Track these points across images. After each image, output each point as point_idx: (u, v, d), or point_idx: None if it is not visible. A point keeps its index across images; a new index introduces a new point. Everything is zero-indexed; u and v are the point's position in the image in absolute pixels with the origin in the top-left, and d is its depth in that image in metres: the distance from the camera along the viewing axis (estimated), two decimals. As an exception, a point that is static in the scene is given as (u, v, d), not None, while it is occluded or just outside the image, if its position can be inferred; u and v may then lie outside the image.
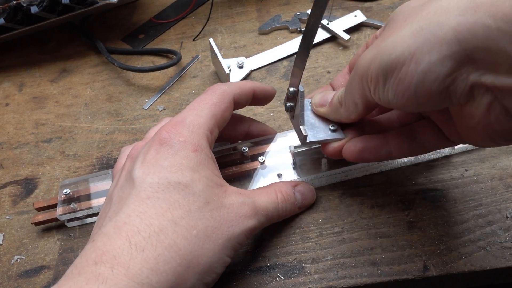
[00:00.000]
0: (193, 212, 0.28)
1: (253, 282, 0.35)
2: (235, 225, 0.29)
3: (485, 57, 0.22)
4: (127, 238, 0.25)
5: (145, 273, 0.24)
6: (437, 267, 0.34)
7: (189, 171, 0.29)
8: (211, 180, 0.30)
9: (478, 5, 0.22)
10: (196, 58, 0.54)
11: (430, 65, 0.23)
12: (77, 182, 0.41)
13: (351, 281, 0.34)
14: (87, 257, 0.25)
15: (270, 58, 0.52)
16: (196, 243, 0.27)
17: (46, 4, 0.49)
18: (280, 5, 0.59)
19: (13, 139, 0.49)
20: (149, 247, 0.25)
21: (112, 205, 0.29)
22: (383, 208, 0.38)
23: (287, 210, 0.35)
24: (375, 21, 0.54)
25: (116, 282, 0.24)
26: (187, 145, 0.30)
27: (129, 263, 0.24)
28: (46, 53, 0.58)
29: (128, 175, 0.30)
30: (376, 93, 0.27)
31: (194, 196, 0.28)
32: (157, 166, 0.29)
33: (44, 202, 0.40)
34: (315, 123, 0.37)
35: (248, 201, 0.31)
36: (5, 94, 0.54)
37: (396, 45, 0.25)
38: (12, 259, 0.39)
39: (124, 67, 0.51)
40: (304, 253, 0.36)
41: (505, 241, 0.35)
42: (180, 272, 0.26)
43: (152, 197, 0.28)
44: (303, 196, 0.37)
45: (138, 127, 0.48)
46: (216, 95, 0.34)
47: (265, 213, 0.32)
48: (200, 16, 0.60)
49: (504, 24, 0.21)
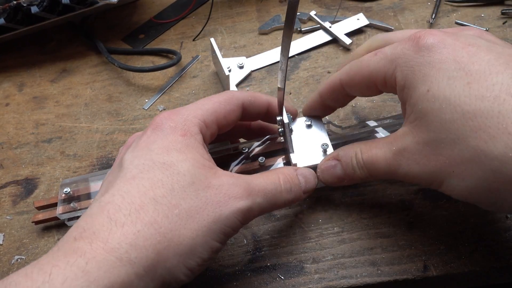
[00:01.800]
0: (176, 191, 0.27)
1: (253, 282, 0.35)
2: (223, 206, 0.28)
3: None
4: (108, 216, 0.25)
5: (124, 248, 0.24)
6: (437, 267, 0.34)
7: (175, 152, 0.29)
8: (198, 162, 0.29)
9: None
10: (196, 58, 0.54)
11: None
12: (78, 181, 0.41)
13: (351, 281, 0.34)
14: (68, 235, 0.25)
15: (270, 59, 0.52)
16: (177, 222, 0.26)
17: (46, 4, 0.49)
18: (280, 5, 0.59)
19: (13, 139, 0.49)
20: (128, 223, 0.25)
21: (101, 189, 0.30)
22: (383, 208, 0.38)
23: (292, 192, 0.33)
24: (375, 21, 0.54)
25: (95, 255, 0.23)
26: (177, 130, 0.30)
27: (108, 238, 0.24)
28: (46, 53, 0.58)
29: (119, 161, 0.31)
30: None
31: (179, 175, 0.28)
32: (146, 149, 0.29)
33: (44, 201, 0.40)
34: (307, 143, 0.38)
35: (241, 181, 0.30)
36: (5, 94, 0.54)
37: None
38: (12, 259, 0.39)
39: (124, 67, 0.51)
40: (304, 253, 0.36)
41: (505, 241, 0.35)
42: (160, 250, 0.25)
43: (137, 177, 0.28)
44: (306, 179, 0.35)
45: (138, 127, 0.48)
46: (224, 96, 0.34)
47: (262, 194, 0.30)
48: (200, 16, 0.60)
49: None
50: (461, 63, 0.27)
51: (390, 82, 0.31)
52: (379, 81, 0.32)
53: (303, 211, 0.39)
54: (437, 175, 0.28)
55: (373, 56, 0.32)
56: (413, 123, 0.29)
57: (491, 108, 0.25)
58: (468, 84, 0.26)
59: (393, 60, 0.30)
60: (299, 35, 0.55)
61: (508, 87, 0.25)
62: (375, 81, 0.32)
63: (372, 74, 0.32)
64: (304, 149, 0.38)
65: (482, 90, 0.26)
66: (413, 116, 0.29)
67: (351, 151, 0.33)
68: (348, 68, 0.34)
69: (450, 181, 0.28)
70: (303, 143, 0.38)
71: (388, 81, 0.31)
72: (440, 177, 0.28)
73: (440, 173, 0.28)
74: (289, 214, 0.39)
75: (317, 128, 0.39)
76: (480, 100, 0.26)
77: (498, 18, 0.53)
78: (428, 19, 0.54)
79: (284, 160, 0.39)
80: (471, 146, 0.26)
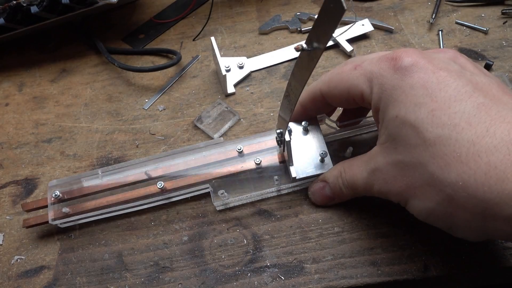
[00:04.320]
0: None
1: (253, 282, 0.35)
2: None
3: None
4: None
5: None
6: (437, 267, 0.34)
7: None
8: None
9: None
10: (196, 58, 0.54)
11: None
12: (67, 182, 0.40)
13: (352, 281, 0.34)
14: None
15: (271, 61, 0.52)
16: None
17: (46, 4, 0.49)
18: (280, 5, 0.59)
19: (13, 139, 0.49)
20: None
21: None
22: (383, 208, 0.38)
23: None
24: (376, 21, 0.54)
25: None
26: None
27: None
28: (46, 53, 0.58)
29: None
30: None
31: None
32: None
33: (33, 204, 0.40)
34: (305, 152, 0.39)
35: None
36: (5, 94, 0.54)
37: None
38: (12, 259, 0.39)
39: (124, 67, 0.51)
40: (304, 253, 0.36)
41: (505, 241, 0.35)
42: None
43: None
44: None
45: (138, 127, 0.48)
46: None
47: None
48: (200, 16, 0.60)
49: None
50: (429, 89, 0.28)
51: (368, 100, 0.32)
52: (357, 96, 0.33)
53: (303, 211, 0.39)
54: (403, 194, 0.30)
55: (353, 71, 0.33)
56: (384, 144, 0.31)
57: (450, 136, 0.27)
58: (432, 111, 0.28)
59: (370, 79, 0.32)
60: (299, 35, 0.55)
61: (468, 115, 0.27)
62: (353, 96, 0.34)
63: (351, 89, 0.33)
64: (303, 157, 0.39)
65: (444, 117, 0.27)
66: (384, 138, 0.31)
67: (336, 171, 0.36)
68: (328, 79, 0.35)
69: (413, 201, 0.30)
70: (302, 151, 0.39)
71: (366, 98, 0.33)
72: (405, 197, 0.30)
73: (405, 193, 0.30)
74: (289, 214, 0.39)
75: (314, 133, 0.40)
76: (441, 127, 0.27)
77: (498, 18, 0.53)
78: (428, 19, 0.54)
79: (280, 159, 0.40)
80: (429, 172, 0.27)
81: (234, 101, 0.49)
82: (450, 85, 0.28)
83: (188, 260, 0.37)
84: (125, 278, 0.37)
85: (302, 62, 0.28)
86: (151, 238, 0.39)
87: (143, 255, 0.38)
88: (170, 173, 0.40)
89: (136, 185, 0.40)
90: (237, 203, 0.40)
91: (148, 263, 0.37)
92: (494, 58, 0.48)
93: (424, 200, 0.28)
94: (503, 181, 0.24)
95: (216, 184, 0.39)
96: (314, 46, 0.25)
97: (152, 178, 0.40)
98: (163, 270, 0.37)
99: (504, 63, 0.48)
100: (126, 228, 0.40)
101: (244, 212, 0.39)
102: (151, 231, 0.39)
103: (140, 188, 0.40)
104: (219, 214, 0.39)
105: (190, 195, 0.40)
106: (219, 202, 0.39)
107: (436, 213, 0.28)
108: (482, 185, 0.25)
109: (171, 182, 0.40)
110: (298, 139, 0.40)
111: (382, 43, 0.52)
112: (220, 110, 0.47)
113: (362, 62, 0.33)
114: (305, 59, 0.27)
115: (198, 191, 0.40)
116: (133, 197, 0.39)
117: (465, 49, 0.50)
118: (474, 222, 0.27)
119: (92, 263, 0.38)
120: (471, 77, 0.29)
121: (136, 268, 0.37)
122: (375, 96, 0.31)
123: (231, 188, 0.39)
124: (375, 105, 0.32)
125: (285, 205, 0.39)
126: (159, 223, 0.40)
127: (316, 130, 0.40)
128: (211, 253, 0.37)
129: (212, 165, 0.41)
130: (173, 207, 0.41)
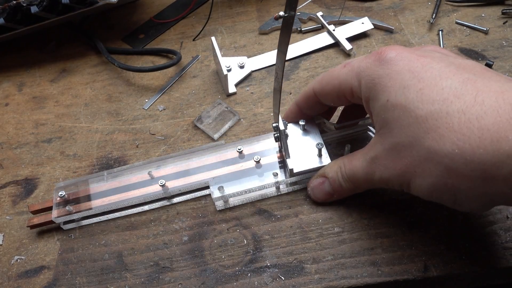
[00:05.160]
0: None
1: (253, 282, 0.35)
2: None
3: None
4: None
5: None
6: (438, 267, 0.34)
7: None
8: None
9: None
10: (196, 58, 0.54)
11: None
12: (73, 184, 0.41)
13: (352, 281, 0.34)
14: None
15: (271, 60, 0.52)
16: None
17: (46, 4, 0.49)
18: (280, 5, 0.59)
19: (13, 139, 0.49)
20: None
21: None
22: (383, 208, 0.38)
23: None
24: (376, 21, 0.54)
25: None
26: None
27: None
28: (46, 53, 0.58)
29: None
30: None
31: None
32: None
33: (39, 205, 0.40)
34: (303, 148, 0.40)
35: None
36: (5, 94, 0.54)
37: None
38: (12, 259, 0.39)
39: (124, 67, 0.51)
40: (304, 253, 0.36)
41: (505, 241, 0.35)
42: None
43: None
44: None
45: (138, 127, 0.48)
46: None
47: None
48: (200, 16, 0.60)
49: None
50: (414, 72, 0.30)
51: (357, 94, 0.34)
52: (347, 92, 0.35)
53: (303, 211, 0.39)
54: (404, 176, 0.30)
55: (342, 68, 0.35)
56: (379, 131, 0.32)
57: (440, 110, 0.27)
58: (421, 90, 0.29)
59: (358, 74, 0.33)
60: (299, 35, 0.55)
61: (455, 90, 0.28)
62: (343, 92, 0.35)
63: (341, 85, 0.35)
64: (300, 153, 0.39)
65: (432, 94, 0.28)
66: (378, 125, 0.32)
67: (336, 166, 0.36)
68: (320, 78, 0.37)
69: (415, 181, 0.30)
70: (299, 146, 0.40)
71: (355, 92, 0.34)
72: (406, 178, 0.30)
73: (406, 175, 0.30)
74: (289, 214, 0.39)
75: (311, 129, 0.41)
76: (431, 103, 0.28)
77: (498, 18, 0.53)
78: (428, 19, 0.54)
79: (279, 158, 0.40)
80: (425, 147, 0.28)
81: (234, 101, 0.49)
82: (434, 66, 0.29)
83: (188, 260, 0.37)
84: (125, 278, 0.37)
85: (282, 30, 0.30)
86: (151, 238, 0.39)
87: (143, 255, 0.38)
88: (171, 173, 0.41)
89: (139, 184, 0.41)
90: (237, 203, 0.40)
91: (148, 263, 0.37)
92: (494, 58, 0.48)
93: (425, 177, 0.29)
94: (497, 141, 0.25)
95: (216, 184, 0.39)
96: (289, 13, 0.28)
97: (154, 178, 0.41)
98: (163, 270, 0.37)
99: (504, 63, 0.48)
100: (126, 228, 0.40)
101: (244, 212, 0.39)
102: (151, 231, 0.39)
103: (142, 188, 0.40)
104: (219, 214, 0.39)
105: (191, 195, 0.40)
106: (219, 202, 0.39)
107: (438, 187, 0.28)
108: (478, 148, 0.25)
109: (172, 182, 0.40)
110: (296, 137, 0.40)
111: (382, 43, 0.52)
112: (220, 110, 0.47)
113: (351, 61, 0.35)
114: (284, 26, 0.29)
115: (198, 191, 0.40)
116: (135, 196, 0.40)
117: (465, 49, 0.50)
118: (475, 189, 0.27)
119: (92, 263, 0.38)
120: (454, 60, 0.30)
121: (136, 268, 0.37)
122: (364, 87, 0.32)
123: (231, 187, 0.39)
124: (365, 96, 0.33)
125: (285, 205, 0.39)
126: (159, 223, 0.40)
127: (314, 129, 0.41)
128: (211, 253, 0.37)
129: (213, 166, 0.41)
130: (173, 207, 0.41)
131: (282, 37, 0.30)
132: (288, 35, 0.29)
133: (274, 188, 0.39)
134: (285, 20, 0.28)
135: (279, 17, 0.29)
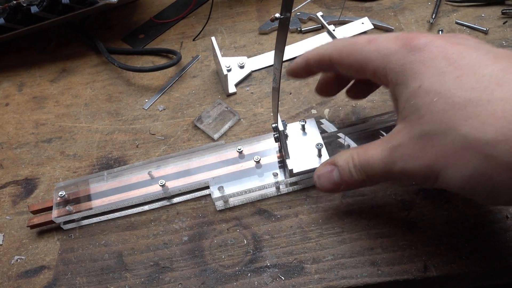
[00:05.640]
0: None
1: (253, 282, 0.35)
2: None
3: None
4: None
5: None
6: (438, 267, 0.34)
7: None
8: None
9: None
10: (196, 58, 0.54)
11: None
12: (73, 184, 0.41)
13: (352, 281, 0.34)
14: None
15: (271, 60, 0.52)
16: None
17: (46, 4, 0.49)
18: (280, 5, 0.59)
19: (13, 139, 0.49)
20: None
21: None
22: (383, 208, 0.38)
23: None
24: (376, 21, 0.54)
25: None
26: None
27: None
28: (46, 53, 0.58)
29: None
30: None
31: None
32: None
33: (39, 205, 0.40)
34: (303, 149, 0.40)
35: None
36: (5, 94, 0.54)
37: None
38: (12, 259, 0.39)
39: (124, 67, 0.51)
40: (304, 253, 0.36)
41: (505, 241, 0.35)
42: None
43: None
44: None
45: (138, 127, 0.48)
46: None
47: None
48: (200, 16, 0.60)
49: None
50: (451, 60, 0.28)
51: (380, 75, 0.32)
52: (369, 70, 0.32)
53: (303, 211, 0.39)
54: (432, 167, 0.28)
55: (367, 44, 0.32)
56: (406, 118, 0.29)
57: (481, 97, 0.26)
58: (458, 77, 0.27)
59: (385, 56, 0.31)
60: (299, 35, 0.55)
61: (497, 78, 0.26)
62: (364, 69, 0.33)
63: (364, 61, 0.32)
64: (300, 153, 0.39)
65: (471, 82, 0.26)
66: (406, 112, 0.30)
67: (347, 155, 0.33)
68: (341, 47, 0.34)
69: (446, 172, 0.27)
70: (298, 146, 0.40)
71: (378, 73, 0.32)
72: (436, 169, 0.28)
73: (435, 166, 0.28)
74: (289, 214, 0.39)
75: (310, 129, 0.41)
76: (470, 91, 0.26)
77: (498, 18, 0.53)
78: (428, 19, 0.54)
79: (279, 158, 0.41)
80: (463, 134, 0.26)
81: (234, 101, 0.49)
82: (472, 54, 0.28)
83: (188, 260, 0.37)
84: (125, 278, 0.37)
85: (278, 31, 0.29)
86: (151, 238, 0.39)
87: (143, 255, 0.38)
88: (172, 173, 0.41)
89: (139, 184, 0.41)
90: (237, 203, 0.40)
91: (148, 263, 0.37)
92: (494, 58, 0.48)
93: (459, 167, 0.27)
94: None
95: (216, 184, 0.39)
96: (285, 14, 0.28)
97: (154, 178, 0.41)
98: (163, 270, 0.37)
99: (504, 63, 0.48)
100: (126, 228, 0.40)
101: (244, 212, 0.39)
102: (151, 231, 0.39)
103: (142, 188, 0.40)
104: (219, 214, 0.39)
105: (191, 195, 0.40)
106: (219, 202, 0.39)
107: (474, 179, 0.26)
108: None
109: (172, 182, 0.40)
110: (295, 137, 0.40)
111: (382, 43, 0.52)
112: (220, 110, 0.47)
113: (377, 38, 0.32)
114: (280, 27, 0.29)
115: (198, 191, 0.40)
116: (135, 196, 0.40)
117: (465, 49, 0.50)
118: None
119: (92, 263, 0.38)
120: (490, 48, 0.29)
121: (136, 268, 0.37)
122: (391, 71, 0.30)
123: (231, 187, 0.39)
124: (392, 80, 0.31)
125: (285, 205, 0.39)
126: (159, 223, 0.40)
127: (313, 129, 0.41)
128: (211, 253, 0.37)
129: (213, 166, 0.41)
130: (173, 207, 0.41)
131: (279, 38, 0.30)
132: (285, 36, 0.29)
133: (274, 188, 0.39)
134: (281, 22, 0.28)
135: (275, 19, 0.28)
